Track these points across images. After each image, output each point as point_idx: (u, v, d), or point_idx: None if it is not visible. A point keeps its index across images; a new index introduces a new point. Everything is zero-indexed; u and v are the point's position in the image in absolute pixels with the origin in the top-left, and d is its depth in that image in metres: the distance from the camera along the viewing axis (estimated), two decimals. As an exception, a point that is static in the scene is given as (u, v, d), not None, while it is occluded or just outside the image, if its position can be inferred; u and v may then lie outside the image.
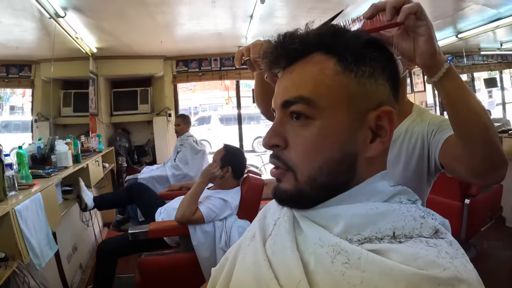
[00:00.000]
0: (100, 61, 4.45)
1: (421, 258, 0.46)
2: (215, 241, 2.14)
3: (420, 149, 1.05)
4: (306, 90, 0.57)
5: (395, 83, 0.61)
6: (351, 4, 3.23)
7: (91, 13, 2.93)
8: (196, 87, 15.20)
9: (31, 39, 3.14)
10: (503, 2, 3.21)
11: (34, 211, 1.73)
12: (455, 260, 0.46)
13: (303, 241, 0.58)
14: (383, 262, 0.47)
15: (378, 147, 0.58)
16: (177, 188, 3.14)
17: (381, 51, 0.60)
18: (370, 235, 0.52)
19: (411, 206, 0.56)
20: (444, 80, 0.71)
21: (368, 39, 0.59)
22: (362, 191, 0.58)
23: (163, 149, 4.94)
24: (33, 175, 2.04)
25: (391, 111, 0.57)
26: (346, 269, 0.49)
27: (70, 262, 2.59)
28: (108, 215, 4.05)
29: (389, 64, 0.60)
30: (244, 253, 0.68)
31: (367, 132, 0.58)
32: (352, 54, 0.57)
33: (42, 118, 3.32)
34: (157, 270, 2.09)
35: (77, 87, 4.00)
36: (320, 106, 0.56)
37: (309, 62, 0.58)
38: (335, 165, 0.57)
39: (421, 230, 0.52)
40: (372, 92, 0.57)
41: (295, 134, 0.58)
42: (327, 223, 0.56)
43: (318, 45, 0.58)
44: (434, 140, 1.01)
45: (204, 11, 3.21)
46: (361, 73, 0.56)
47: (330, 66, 0.57)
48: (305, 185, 0.58)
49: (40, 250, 1.69)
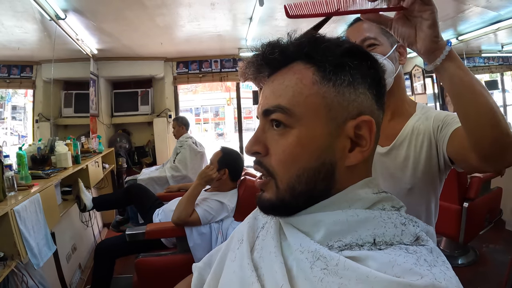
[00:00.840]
0: (101, 62, 4.48)
1: (398, 265, 0.47)
2: (212, 243, 2.16)
3: (427, 147, 1.03)
4: (284, 99, 0.57)
5: (378, 91, 0.61)
6: (350, 7, 3.24)
7: (91, 15, 2.95)
8: (197, 88, 15.22)
9: (32, 40, 3.16)
10: (504, 4, 3.21)
11: (33, 211, 1.76)
12: (433, 268, 0.47)
13: (287, 247, 0.60)
14: (359, 268, 0.48)
15: (357, 156, 0.58)
16: (176, 189, 3.17)
17: (362, 59, 0.59)
18: (350, 241, 0.53)
19: (392, 213, 0.56)
20: (446, 63, 0.71)
21: (349, 47, 0.59)
22: (343, 198, 0.58)
23: (163, 151, 4.96)
24: (32, 176, 2.06)
25: (371, 121, 0.57)
26: (324, 275, 0.50)
27: (69, 262, 2.62)
28: (108, 215, 4.08)
29: (371, 72, 0.60)
30: (234, 256, 0.69)
31: (345, 141, 0.58)
32: (331, 62, 0.57)
33: (43, 119, 3.35)
34: (154, 271, 2.11)
35: (78, 88, 4.02)
36: (297, 115, 0.57)
37: (289, 71, 0.59)
38: (313, 173, 0.57)
39: (402, 237, 0.52)
40: (351, 101, 0.57)
41: (275, 141, 0.59)
42: (308, 229, 0.58)
43: (298, 54, 0.59)
44: (440, 136, 1.00)
45: (203, 13, 3.23)
46: (340, 82, 0.57)
47: (308, 76, 0.57)
48: (285, 193, 0.58)
49: (38, 250, 1.71)
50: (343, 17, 3.56)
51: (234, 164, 2.39)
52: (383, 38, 1.09)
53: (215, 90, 16.33)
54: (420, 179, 1.04)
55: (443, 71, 0.72)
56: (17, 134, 3.39)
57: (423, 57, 0.73)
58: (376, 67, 0.61)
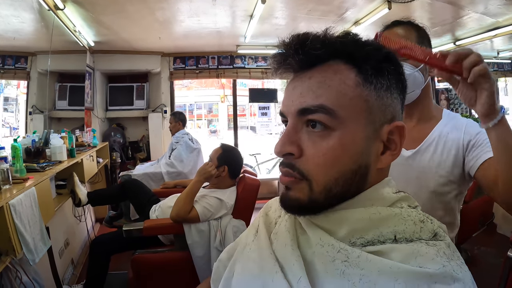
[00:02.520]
0: (97, 55, 4.43)
1: (421, 256, 0.49)
2: (210, 240, 2.14)
3: (454, 156, 1.08)
4: (327, 99, 0.55)
5: (404, 97, 0.63)
6: (351, 7, 3.24)
7: (90, 6, 2.91)
8: (191, 84, 15.17)
9: (29, 30, 3.10)
10: (502, 12, 3.24)
11: (29, 205, 1.71)
12: (451, 261, 0.49)
13: (305, 241, 0.60)
14: (381, 261, 0.49)
15: (387, 159, 0.59)
16: (172, 185, 3.13)
17: (396, 65, 0.60)
18: (372, 238, 0.54)
19: (411, 210, 0.57)
20: (498, 126, 0.82)
21: (388, 52, 0.59)
22: (367, 196, 0.58)
23: (157, 146, 4.92)
24: (27, 169, 2.01)
25: (403, 127, 0.58)
26: (345, 267, 0.51)
27: (62, 257, 2.57)
28: (101, 210, 4.02)
29: (401, 78, 0.61)
30: (249, 248, 0.69)
31: (379, 144, 0.59)
32: (372, 66, 0.56)
33: (37, 111, 3.28)
34: (150, 268, 2.09)
35: (73, 81, 3.95)
36: (340, 117, 0.55)
37: (329, 69, 0.57)
38: (350, 176, 0.56)
39: (421, 233, 0.53)
40: (388, 106, 0.58)
41: (312, 143, 0.57)
42: (331, 227, 0.57)
43: (340, 53, 0.57)
44: (471, 156, 1.05)
45: (204, 9, 3.21)
46: (380, 85, 0.57)
47: (351, 77, 0.56)
48: (320, 195, 0.56)
49: (34, 245, 1.67)
50: (343, 19, 3.57)
51: (234, 162, 2.37)
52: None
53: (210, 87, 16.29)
54: (443, 184, 1.09)
55: (494, 132, 0.84)
56: (8, 126, 3.32)
57: (479, 117, 0.84)
58: (404, 73, 0.62)
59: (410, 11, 3.28)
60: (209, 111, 18.34)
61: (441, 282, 0.46)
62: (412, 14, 3.40)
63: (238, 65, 5.18)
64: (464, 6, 3.12)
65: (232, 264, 0.72)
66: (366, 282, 0.48)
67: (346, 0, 3.08)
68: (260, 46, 4.78)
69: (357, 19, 3.58)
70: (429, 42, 1.17)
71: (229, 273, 0.70)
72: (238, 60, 5.17)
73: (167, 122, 4.68)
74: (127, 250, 2.30)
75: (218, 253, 2.07)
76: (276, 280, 0.56)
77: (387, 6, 3.02)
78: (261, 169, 6.66)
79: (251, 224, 0.79)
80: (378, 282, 0.47)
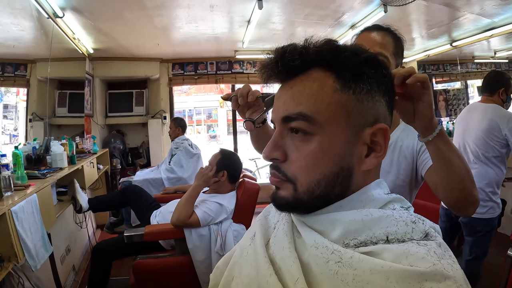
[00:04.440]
0: (97, 62, 4.45)
1: (411, 255, 0.50)
2: (211, 244, 2.15)
3: (409, 160, 1.18)
4: (306, 107, 0.58)
5: (390, 98, 0.64)
6: (347, 11, 3.26)
7: (89, 14, 2.93)
8: (190, 90, 15.18)
9: (28, 38, 3.12)
10: (498, 12, 3.26)
11: (30, 212, 1.72)
12: (442, 260, 0.50)
13: (302, 244, 0.61)
14: (373, 260, 0.50)
15: (372, 161, 0.61)
16: (172, 191, 3.14)
17: (377, 67, 0.61)
18: (365, 239, 0.55)
19: (403, 212, 0.59)
20: (436, 139, 0.85)
21: (366, 57, 0.60)
22: (358, 198, 0.61)
23: (157, 152, 4.93)
24: (28, 176, 2.02)
25: (386, 129, 0.60)
26: (339, 268, 0.52)
27: (63, 263, 2.58)
28: (102, 217, 4.03)
29: (385, 80, 0.62)
30: (246, 252, 0.70)
31: (362, 147, 0.60)
32: (350, 71, 0.58)
33: (37, 118, 3.29)
34: (152, 273, 2.09)
35: (72, 88, 3.97)
36: (319, 122, 0.58)
37: (309, 78, 0.60)
38: (332, 178, 0.59)
39: (412, 234, 0.55)
40: (369, 108, 0.59)
41: (295, 148, 0.60)
42: (324, 228, 0.59)
43: (318, 62, 0.60)
44: (421, 160, 1.14)
45: (202, 15, 3.23)
46: (359, 90, 0.58)
47: (329, 83, 0.58)
48: (304, 195, 0.60)
49: (35, 252, 1.68)
50: (340, 23, 3.59)
51: (233, 166, 2.38)
52: (393, 58, 1.17)
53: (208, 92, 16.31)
54: (400, 185, 1.19)
55: (432, 144, 0.86)
56: (8, 134, 3.33)
57: (418, 132, 0.86)
58: (388, 75, 0.64)
59: (406, 13, 3.30)
60: (208, 117, 18.34)
61: (432, 280, 0.47)
62: (408, 16, 3.43)
63: (236, 70, 5.21)
64: (460, 7, 3.14)
65: (230, 267, 0.74)
66: (359, 281, 0.50)
67: (343, 4, 3.10)
68: (258, 51, 4.81)
69: (353, 22, 3.60)
70: (402, 53, 1.22)
71: (229, 276, 0.72)
72: (237, 65, 5.20)
73: (166, 128, 4.70)
74: (129, 255, 2.31)
75: (219, 257, 2.07)
76: (271, 283, 0.58)
77: (383, 10, 3.03)
78: (261, 174, 6.67)
79: (250, 228, 0.81)
80: (370, 281, 0.49)
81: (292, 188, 0.61)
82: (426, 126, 0.83)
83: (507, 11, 3.23)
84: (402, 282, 0.47)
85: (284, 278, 0.57)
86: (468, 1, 2.98)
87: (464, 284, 0.49)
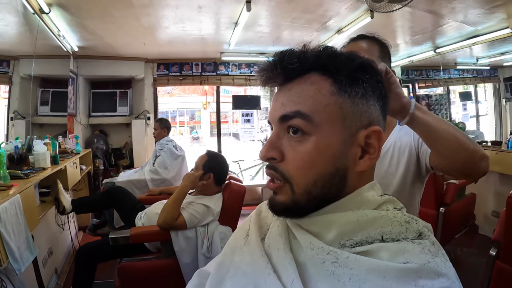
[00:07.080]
0: (81, 60, 4.39)
1: (407, 252, 0.52)
2: (197, 247, 2.14)
3: (407, 157, 1.20)
4: (303, 106, 0.60)
5: (384, 103, 0.66)
6: (334, 16, 3.31)
7: (76, 10, 2.89)
8: (174, 90, 15.07)
9: (12, 33, 3.03)
10: (481, 20, 3.36)
11: (14, 213, 1.68)
12: (435, 257, 0.52)
13: (297, 245, 0.62)
14: (369, 260, 0.52)
15: (366, 163, 0.62)
16: (157, 193, 3.11)
17: (371, 74, 0.64)
18: (361, 239, 0.57)
19: (397, 212, 0.61)
20: (415, 113, 0.89)
21: (361, 62, 0.63)
22: (352, 200, 0.62)
23: (140, 153, 4.89)
24: (11, 176, 1.97)
25: (380, 131, 0.62)
26: (335, 268, 0.54)
27: (45, 266, 2.52)
28: (84, 218, 3.95)
29: (378, 86, 0.64)
30: (241, 252, 0.71)
31: (357, 148, 0.62)
32: (346, 75, 0.61)
33: (19, 116, 3.21)
34: (137, 276, 2.07)
35: (55, 86, 3.88)
36: (316, 122, 0.59)
37: (306, 81, 0.62)
38: (329, 178, 0.60)
39: (407, 233, 0.57)
40: (363, 112, 0.61)
41: (292, 148, 0.62)
42: (319, 230, 0.61)
43: (316, 66, 0.62)
44: (422, 150, 1.17)
45: (189, 16, 3.23)
46: (354, 93, 0.60)
47: (326, 87, 0.60)
48: (301, 197, 0.61)
49: (19, 254, 1.64)
50: (326, 27, 3.64)
51: (219, 169, 2.38)
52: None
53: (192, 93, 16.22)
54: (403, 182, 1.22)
55: (414, 119, 0.90)
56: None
57: (396, 115, 0.90)
58: (382, 81, 0.66)
59: (391, 20, 3.37)
60: (191, 118, 18.25)
61: (426, 277, 0.49)
62: (394, 23, 3.51)
63: (221, 72, 5.22)
64: (444, 15, 3.22)
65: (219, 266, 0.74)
66: (356, 281, 0.51)
67: (330, 9, 3.15)
68: (243, 53, 4.83)
69: (340, 27, 3.66)
70: (389, 58, 1.27)
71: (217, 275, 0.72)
72: (222, 67, 5.21)
73: (150, 128, 4.66)
74: (113, 258, 2.28)
75: (206, 260, 2.07)
76: (269, 282, 0.59)
77: (369, 15, 3.10)
78: (245, 176, 6.67)
79: (240, 227, 0.81)
80: (367, 280, 0.50)
81: (289, 190, 0.62)
82: (402, 104, 0.88)
83: (490, 19, 3.34)
84: (398, 280, 0.49)
85: (280, 279, 0.58)
86: (453, 9, 3.06)
87: (457, 282, 0.51)
